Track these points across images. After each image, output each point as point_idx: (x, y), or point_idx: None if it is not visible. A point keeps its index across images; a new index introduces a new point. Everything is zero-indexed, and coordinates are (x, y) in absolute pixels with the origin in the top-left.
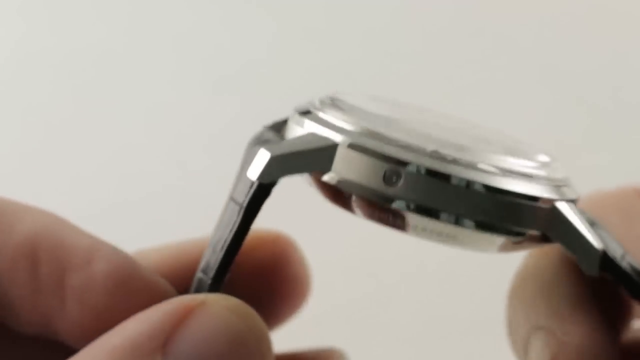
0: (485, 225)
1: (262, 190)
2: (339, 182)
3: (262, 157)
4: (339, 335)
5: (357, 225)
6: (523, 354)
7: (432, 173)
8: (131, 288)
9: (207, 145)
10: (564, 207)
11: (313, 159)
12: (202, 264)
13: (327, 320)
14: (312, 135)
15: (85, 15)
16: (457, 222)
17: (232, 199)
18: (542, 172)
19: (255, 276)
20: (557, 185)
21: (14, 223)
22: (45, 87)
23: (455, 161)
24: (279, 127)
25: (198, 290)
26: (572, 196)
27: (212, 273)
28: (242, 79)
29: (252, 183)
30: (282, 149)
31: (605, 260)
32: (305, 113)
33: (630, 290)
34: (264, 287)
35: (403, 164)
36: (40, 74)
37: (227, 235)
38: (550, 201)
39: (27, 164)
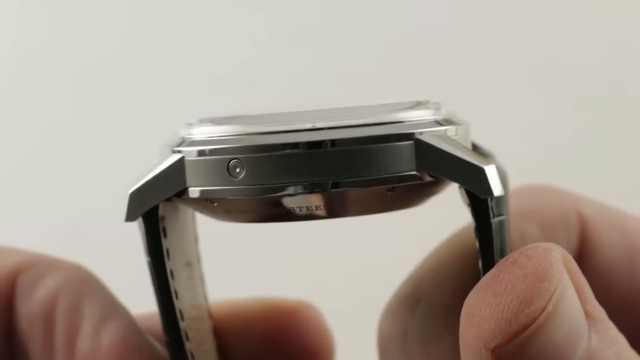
0: (354, 183)
1: (148, 229)
2: (194, 193)
3: (125, 198)
4: (338, 337)
5: (356, 226)
6: None
7: (263, 149)
8: None
9: None
10: (427, 137)
11: (167, 179)
12: None
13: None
14: (166, 155)
15: (81, 14)
16: (313, 189)
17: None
18: (398, 114)
19: (272, 346)
20: (422, 121)
21: (38, 280)
22: (42, 87)
23: (290, 130)
24: None
25: (168, 351)
26: (441, 129)
27: (165, 330)
28: (238, 79)
29: (138, 225)
30: (138, 182)
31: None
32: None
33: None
34: (282, 357)
35: (240, 150)
36: (37, 74)
37: (153, 287)
38: (410, 136)
39: (23, 162)
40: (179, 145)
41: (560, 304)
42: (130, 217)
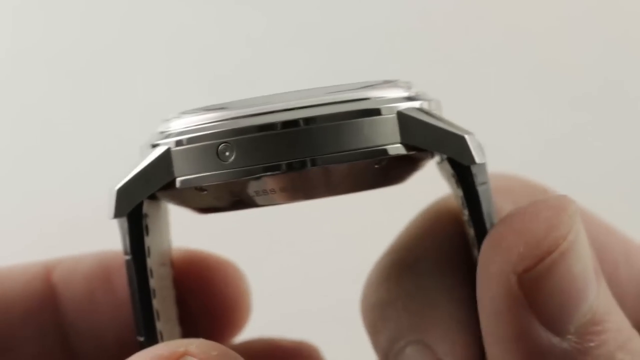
0: (337, 158)
1: (131, 226)
2: (184, 182)
3: (111, 195)
4: (335, 334)
5: (353, 224)
6: (385, 354)
7: (258, 129)
8: None
9: None
10: (409, 111)
11: (154, 172)
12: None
13: (322, 319)
14: (147, 152)
15: (78, 13)
16: (307, 164)
17: (124, 254)
18: (374, 92)
19: (191, 297)
20: (400, 97)
21: (74, 267)
22: (40, 87)
23: (276, 110)
24: None
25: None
26: (418, 103)
27: (140, 331)
28: (237, 79)
29: (120, 223)
30: (123, 178)
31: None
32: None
33: (471, 213)
34: (201, 309)
35: (229, 134)
36: (35, 74)
37: (130, 290)
38: (393, 109)
39: (22, 161)
40: (160, 139)
41: (578, 238)
42: (118, 213)
